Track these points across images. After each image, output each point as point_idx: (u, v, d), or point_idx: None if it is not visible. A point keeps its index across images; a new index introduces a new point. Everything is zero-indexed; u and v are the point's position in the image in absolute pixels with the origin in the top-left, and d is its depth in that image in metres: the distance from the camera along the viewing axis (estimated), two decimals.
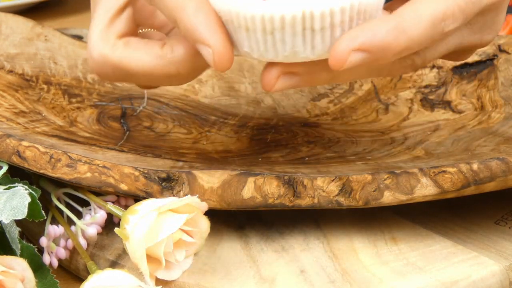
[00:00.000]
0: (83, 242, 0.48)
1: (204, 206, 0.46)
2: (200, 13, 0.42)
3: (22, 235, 0.48)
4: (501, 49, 0.65)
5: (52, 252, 0.48)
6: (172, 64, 0.45)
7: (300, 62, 0.42)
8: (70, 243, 0.48)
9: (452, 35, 0.46)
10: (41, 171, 0.49)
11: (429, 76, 0.65)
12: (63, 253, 0.48)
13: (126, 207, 0.48)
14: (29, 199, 0.44)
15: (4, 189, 0.46)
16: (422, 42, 0.42)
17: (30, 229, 0.51)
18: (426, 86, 0.65)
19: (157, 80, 0.47)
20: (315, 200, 0.48)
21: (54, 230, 0.48)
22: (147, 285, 0.43)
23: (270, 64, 0.43)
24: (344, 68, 0.41)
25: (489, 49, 0.65)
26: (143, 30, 0.53)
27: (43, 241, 0.47)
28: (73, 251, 0.49)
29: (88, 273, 0.45)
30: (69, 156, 0.48)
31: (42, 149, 0.49)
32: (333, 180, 0.47)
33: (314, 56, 0.42)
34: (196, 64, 0.45)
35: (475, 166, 0.47)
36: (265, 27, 0.41)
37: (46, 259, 0.47)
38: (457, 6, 0.43)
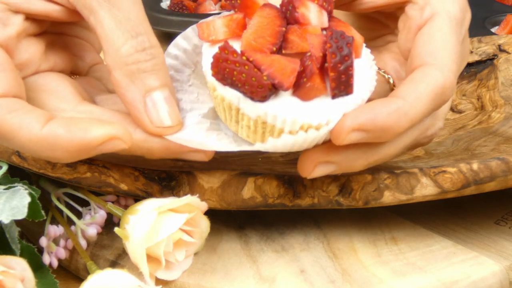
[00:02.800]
0: (83, 242, 0.48)
1: (204, 206, 0.46)
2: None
3: (22, 235, 0.48)
4: (501, 49, 0.65)
5: (52, 252, 0.48)
6: (52, 146, 0.41)
7: (337, 150, 0.43)
8: (70, 243, 0.48)
9: None
10: (41, 171, 0.49)
11: None
12: (62, 253, 0.48)
13: (126, 207, 0.48)
14: (29, 199, 0.44)
15: (4, 189, 0.46)
16: (424, 117, 0.43)
17: (30, 229, 0.51)
18: None
19: (33, 155, 0.43)
20: (315, 200, 0.48)
21: (54, 230, 0.48)
22: (147, 285, 0.43)
23: (306, 153, 0.44)
24: (344, 144, 0.41)
25: (489, 49, 0.65)
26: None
27: (43, 241, 0.47)
28: (73, 251, 0.49)
29: (88, 273, 0.45)
30: None
31: None
32: (333, 180, 0.47)
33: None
34: (83, 153, 0.41)
35: (475, 166, 0.47)
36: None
37: (46, 259, 0.47)
38: (453, 74, 0.44)
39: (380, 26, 0.51)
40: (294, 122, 0.41)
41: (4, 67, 0.43)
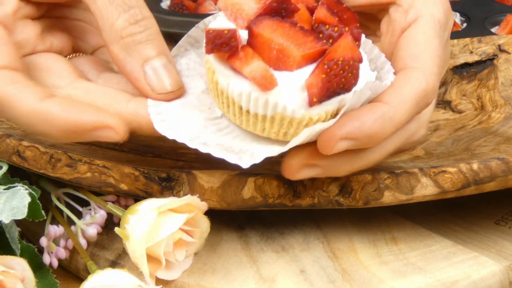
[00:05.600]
0: (83, 242, 0.48)
1: (204, 206, 0.46)
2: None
3: (22, 235, 0.48)
4: (501, 49, 0.65)
5: (52, 252, 0.47)
6: (45, 122, 0.42)
7: (322, 155, 0.43)
8: (70, 243, 0.48)
9: None
10: (41, 171, 0.49)
11: None
12: (63, 253, 0.48)
13: (126, 207, 0.48)
14: (29, 199, 0.44)
15: (4, 189, 0.46)
16: (407, 121, 0.44)
17: (30, 229, 0.51)
18: None
19: (27, 129, 0.44)
20: (315, 200, 0.48)
21: (54, 230, 0.48)
22: (147, 285, 0.43)
23: (291, 154, 0.44)
24: (332, 153, 0.42)
25: (489, 49, 0.65)
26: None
27: (43, 241, 0.47)
28: (73, 251, 0.49)
29: (88, 273, 0.45)
30: (69, 156, 0.48)
31: (42, 149, 0.49)
32: (333, 180, 0.47)
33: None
34: (75, 135, 0.42)
35: (475, 166, 0.47)
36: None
37: (46, 259, 0.47)
38: (436, 77, 0.45)
39: (361, 28, 0.51)
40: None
41: (4, 41, 0.44)
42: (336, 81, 0.40)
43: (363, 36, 0.45)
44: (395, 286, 0.45)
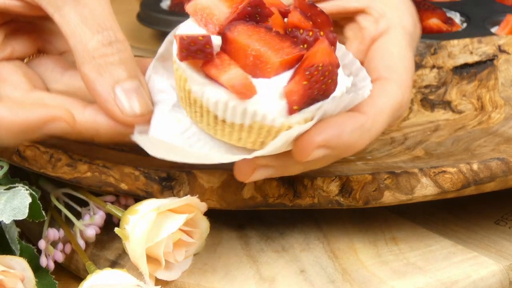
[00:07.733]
0: (81, 243, 0.48)
1: (204, 206, 0.46)
2: None
3: (22, 234, 0.48)
4: (501, 50, 0.65)
5: (49, 255, 0.47)
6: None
7: (275, 155, 0.42)
8: (68, 247, 0.48)
9: None
10: (41, 171, 0.49)
11: (429, 76, 0.65)
12: (60, 257, 0.47)
13: (126, 206, 0.48)
14: (30, 200, 0.44)
15: (5, 189, 0.46)
16: (382, 131, 0.44)
17: (30, 229, 0.51)
18: (426, 86, 0.65)
19: None
20: (315, 200, 0.48)
21: (53, 233, 0.47)
22: (146, 285, 0.43)
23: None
24: (307, 160, 0.41)
25: (489, 50, 0.65)
26: None
27: (42, 243, 0.47)
28: (73, 251, 0.49)
29: (88, 273, 0.45)
30: (70, 156, 0.48)
31: (42, 148, 0.49)
32: (333, 180, 0.47)
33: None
34: (26, 134, 0.42)
35: (475, 166, 0.47)
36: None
37: (43, 261, 0.47)
38: (409, 89, 0.45)
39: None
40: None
41: None
42: (317, 87, 0.39)
43: None
44: (395, 286, 0.45)
